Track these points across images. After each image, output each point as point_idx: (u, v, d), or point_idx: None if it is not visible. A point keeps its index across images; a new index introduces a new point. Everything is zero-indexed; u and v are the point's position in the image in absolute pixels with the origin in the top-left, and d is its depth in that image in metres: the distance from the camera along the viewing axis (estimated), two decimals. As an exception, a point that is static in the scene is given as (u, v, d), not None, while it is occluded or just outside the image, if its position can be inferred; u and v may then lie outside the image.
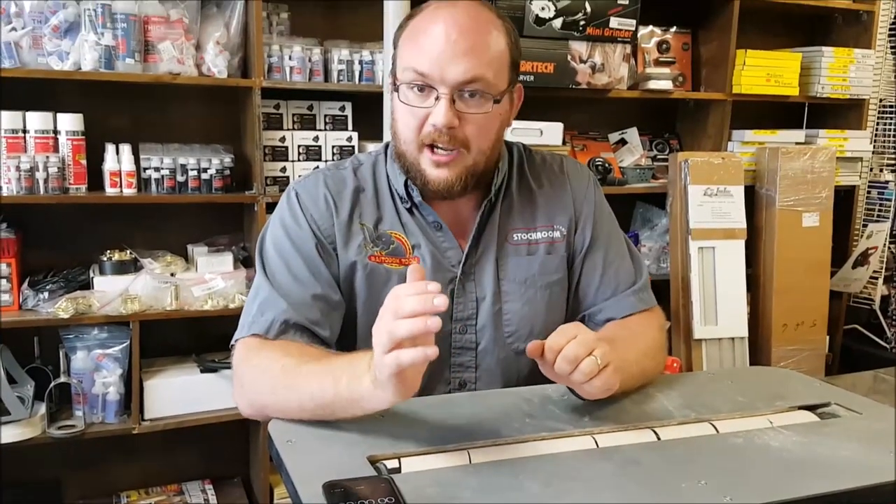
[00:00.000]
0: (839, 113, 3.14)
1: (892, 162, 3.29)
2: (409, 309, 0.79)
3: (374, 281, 1.14)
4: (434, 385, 1.16)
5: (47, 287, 2.08)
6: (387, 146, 1.23)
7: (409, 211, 1.18)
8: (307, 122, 2.37)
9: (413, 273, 0.84)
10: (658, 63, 2.88)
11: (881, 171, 3.31)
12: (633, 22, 2.54)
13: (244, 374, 1.07)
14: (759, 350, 2.81)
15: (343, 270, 1.15)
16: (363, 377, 0.87)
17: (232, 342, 1.13)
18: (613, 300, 1.24)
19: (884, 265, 3.13)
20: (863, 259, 3.08)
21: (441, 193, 1.13)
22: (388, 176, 1.20)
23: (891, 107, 3.27)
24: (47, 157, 2.01)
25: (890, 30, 3.21)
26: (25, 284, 2.08)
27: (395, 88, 1.12)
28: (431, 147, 1.09)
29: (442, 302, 0.79)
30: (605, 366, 0.94)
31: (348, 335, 1.18)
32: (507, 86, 1.12)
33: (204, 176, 2.19)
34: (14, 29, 1.98)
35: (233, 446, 2.52)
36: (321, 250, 1.14)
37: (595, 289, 1.25)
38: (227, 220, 2.41)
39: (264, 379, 1.02)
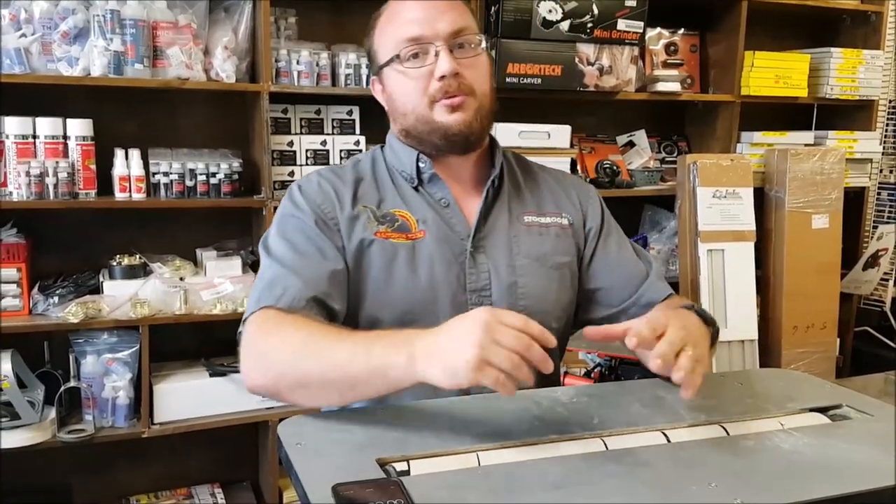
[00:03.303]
0: (848, 114, 3.13)
1: (902, 163, 3.28)
2: (516, 345, 0.86)
3: (382, 255, 1.18)
4: None
5: (57, 292, 2.09)
6: (381, 146, 1.33)
7: (416, 189, 1.24)
8: (315, 127, 2.38)
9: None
10: (666, 65, 2.87)
11: (891, 172, 3.29)
12: (641, 24, 2.53)
13: (260, 344, 1.05)
14: (768, 352, 2.80)
15: (352, 252, 1.18)
16: (399, 349, 0.91)
17: (240, 328, 1.11)
18: (647, 284, 1.29)
19: (894, 267, 3.11)
20: (873, 261, 3.07)
21: (462, 138, 1.19)
22: (386, 163, 1.28)
23: (900, 108, 3.26)
24: (57, 162, 2.02)
25: (899, 30, 3.20)
26: (35, 289, 2.10)
27: (380, 70, 1.23)
28: (441, 99, 1.17)
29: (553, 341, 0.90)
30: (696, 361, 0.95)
31: (352, 316, 1.19)
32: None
33: (212, 180, 2.20)
34: (24, 35, 1.99)
35: (242, 450, 2.52)
36: (322, 226, 1.18)
37: (612, 271, 1.30)
38: (235, 224, 2.42)
39: (285, 347, 1.01)
